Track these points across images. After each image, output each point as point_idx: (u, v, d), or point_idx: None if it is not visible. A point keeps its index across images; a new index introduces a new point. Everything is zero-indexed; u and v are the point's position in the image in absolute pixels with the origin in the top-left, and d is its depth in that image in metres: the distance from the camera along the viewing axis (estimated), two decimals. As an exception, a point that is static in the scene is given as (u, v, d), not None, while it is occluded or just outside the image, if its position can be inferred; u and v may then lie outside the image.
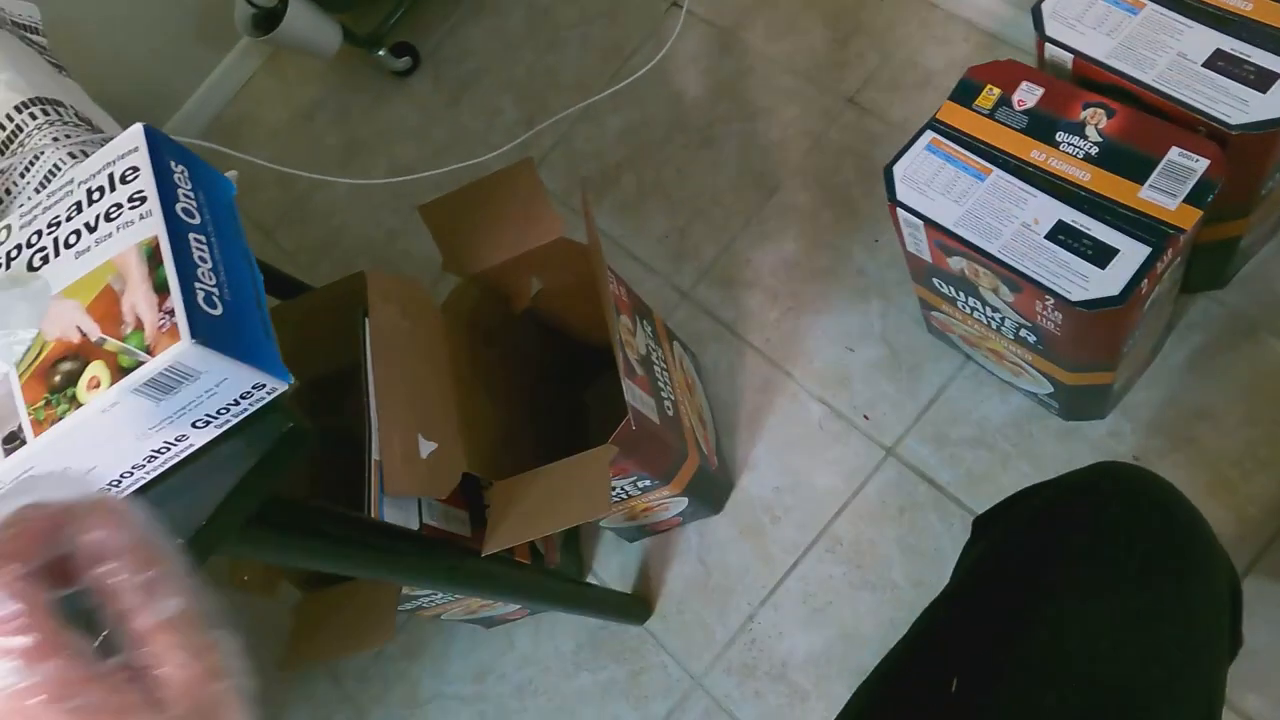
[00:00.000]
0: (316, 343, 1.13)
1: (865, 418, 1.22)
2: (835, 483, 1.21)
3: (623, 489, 1.07)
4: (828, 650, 1.15)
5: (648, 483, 1.07)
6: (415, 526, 0.96)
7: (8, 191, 0.64)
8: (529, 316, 1.20)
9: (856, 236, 1.32)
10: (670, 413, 1.08)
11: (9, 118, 0.66)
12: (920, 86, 1.37)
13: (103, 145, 0.61)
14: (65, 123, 0.66)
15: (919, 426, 1.19)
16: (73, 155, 0.63)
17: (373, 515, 0.92)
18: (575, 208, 1.51)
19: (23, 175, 0.64)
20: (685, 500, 1.16)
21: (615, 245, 1.47)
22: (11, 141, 0.65)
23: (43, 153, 0.63)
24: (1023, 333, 0.96)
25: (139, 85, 1.84)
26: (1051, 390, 1.07)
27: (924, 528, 1.15)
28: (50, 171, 0.63)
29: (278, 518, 0.60)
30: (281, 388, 0.49)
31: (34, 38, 0.81)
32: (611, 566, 1.29)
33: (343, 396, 1.04)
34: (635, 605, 1.23)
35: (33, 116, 0.65)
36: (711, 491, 1.21)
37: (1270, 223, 1.06)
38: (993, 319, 0.99)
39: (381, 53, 1.71)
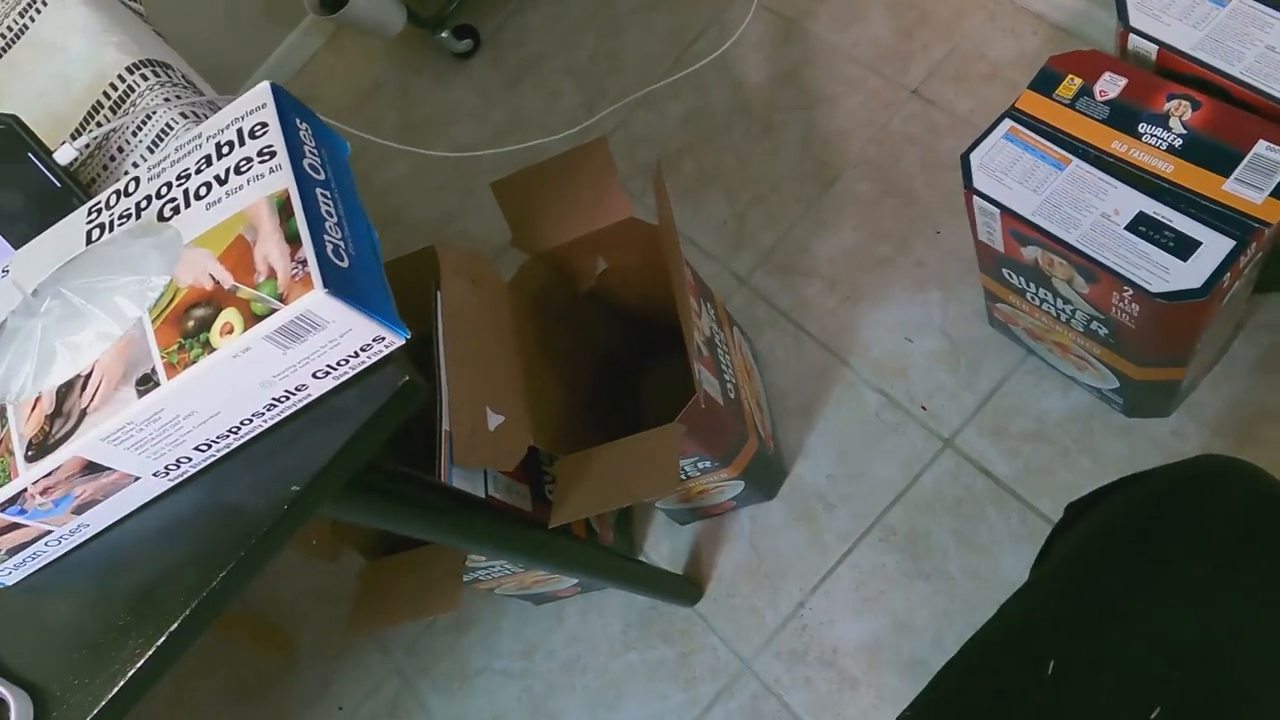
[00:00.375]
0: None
1: (923, 408, 1.22)
2: (891, 472, 1.21)
3: (683, 470, 1.07)
4: (878, 639, 1.15)
5: (708, 464, 1.08)
6: (482, 496, 0.98)
7: (120, 150, 0.66)
8: (592, 296, 1.21)
9: (917, 227, 1.32)
10: (732, 395, 1.09)
11: (120, 78, 0.67)
12: (988, 79, 1.36)
13: (209, 107, 0.63)
14: (175, 84, 0.67)
15: (978, 418, 1.19)
16: (184, 115, 0.65)
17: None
18: (634, 192, 1.52)
19: (134, 134, 0.65)
20: (741, 484, 1.17)
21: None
22: (124, 101, 0.67)
23: (154, 112, 0.65)
24: (1094, 325, 0.96)
25: (205, 60, 1.87)
26: (1117, 386, 1.06)
27: (980, 520, 1.15)
28: (163, 131, 0.64)
29: (365, 478, 0.61)
30: (399, 342, 0.50)
31: (134, 4, 0.83)
32: (663, 549, 1.30)
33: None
34: (686, 587, 1.24)
35: (144, 78, 0.67)
36: (766, 476, 1.22)
37: (1348, 223, 1.05)
38: (1063, 310, 0.98)
39: (444, 34, 1.72)
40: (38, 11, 0.75)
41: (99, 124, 0.67)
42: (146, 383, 0.46)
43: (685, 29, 1.62)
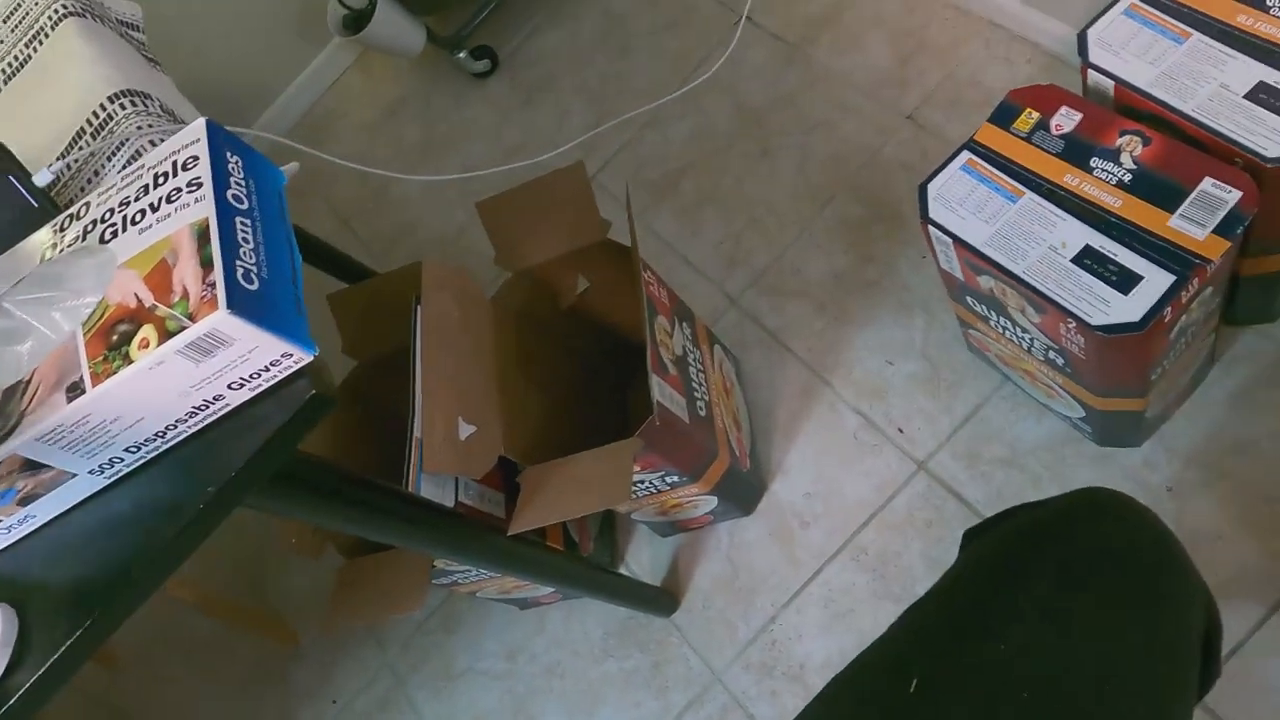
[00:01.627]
0: (380, 324, 1.20)
1: (900, 430, 1.24)
2: (865, 493, 1.23)
3: (651, 483, 1.11)
4: (845, 656, 1.15)
5: (676, 478, 1.11)
6: (450, 503, 1.02)
7: (96, 173, 0.72)
8: (577, 313, 1.25)
9: (904, 252, 1.34)
10: (702, 413, 1.12)
11: (102, 107, 0.74)
12: (981, 106, 1.37)
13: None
14: (150, 113, 0.73)
15: (952, 443, 1.21)
16: (153, 143, 0.70)
17: (409, 488, 0.99)
18: (639, 212, 1.56)
19: (109, 159, 0.71)
20: (715, 499, 1.20)
21: (670, 250, 1.51)
22: (104, 128, 0.73)
23: (128, 139, 0.71)
24: (1051, 354, 0.97)
25: (241, 78, 1.97)
26: (1084, 414, 1.07)
27: (950, 543, 1.16)
28: (133, 157, 0.70)
29: (308, 476, 0.66)
30: (307, 358, 0.54)
31: (134, 34, 0.89)
32: (643, 559, 1.33)
33: (404, 375, 1.11)
34: (663, 598, 1.27)
35: (122, 107, 0.73)
36: (742, 492, 1.25)
37: (1323, 258, 1.04)
38: (1022, 339, 1.00)
39: (462, 55, 1.78)
40: (41, 42, 0.82)
41: (80, 149, 0.73)
42: (75, 390, 0.51)
43: (692, 51, 1.66)
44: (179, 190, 0.54)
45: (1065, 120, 0.92)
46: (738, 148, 1.54)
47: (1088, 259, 0.86)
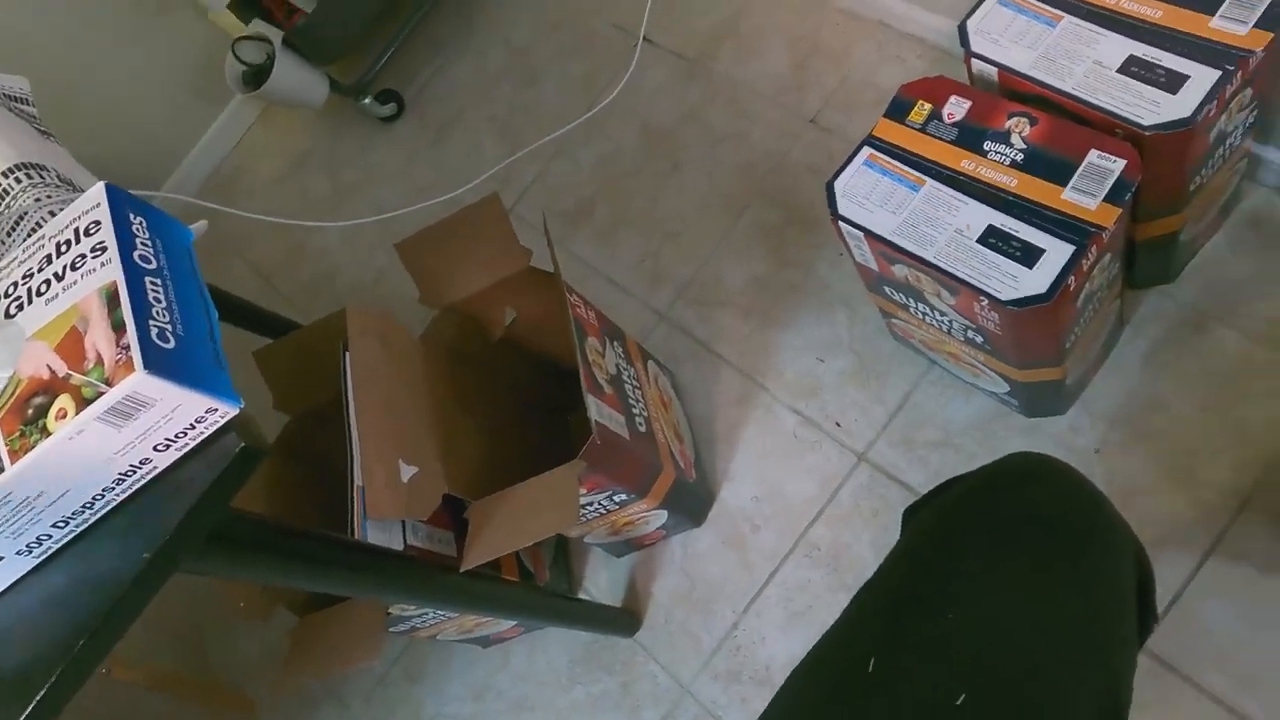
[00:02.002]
0: (310, 376, 1.19)
1: (837, 425, 1.26)
2: (811, 490, 1.25)
3: (600, 503, 1.11)
4: (809, 652, 1.18)
5: (624, 496, 1.11)
6: (400, 547, 1.01)
7: (-5, 249, 0.70)
8: (509, 344, 1.25)
9: (821, 252, 1.37)
10: (642, 428, 1.13)
11: (-4, 182, 0.72)
12: (878, 104, 1.41)
13: (80, 203, 0.67)
14: (47, 184, 0.72)
15: (888, 431, 1.23)
16: (52, 214, 0.69)
17: (355, 537, 0.98)
18: (559, 239, 1.57)
19: (9, 233, 0.70)
20: (665, 513, 1.20)
21: (594, 272, 1.52)
22: (0, 203, 0.71)
23: (26, 213, 0.69)
24: (970, 334, 1.00)
25: (143, 144, 1.93)
26: (1009, 389, 1.11)
27: (896, 529, 1.17)
28: (33, 229, 0.69)
29: (245, 533, 0.65)
30: (232, 412, 0.54)
31: (24, 107, 0.88)
32: (601, 581, 1.33)
33: (340, 425, 1.10)
34: (624, 618, 1.27)
35: (18, 180, 0.72)
36: (691, 504, 1.26)
37: (1210, 216, 1.10)
38: (942, 322, 1.03)
39: (367, 100, 1.78)
40: (-71, 123, 0.80)
41: (-23, 227, 0.71)
42: (-7, 469, 0.50)
43: (597, 76, 1.68)
44: (83, 256, 0.53)
45: (956, 109, 0.96)
46: (649, 166, 1.56)
47: (992, 238, 0.89)
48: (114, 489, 0.54)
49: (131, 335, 0.49)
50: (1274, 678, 0.97)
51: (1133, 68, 0.89)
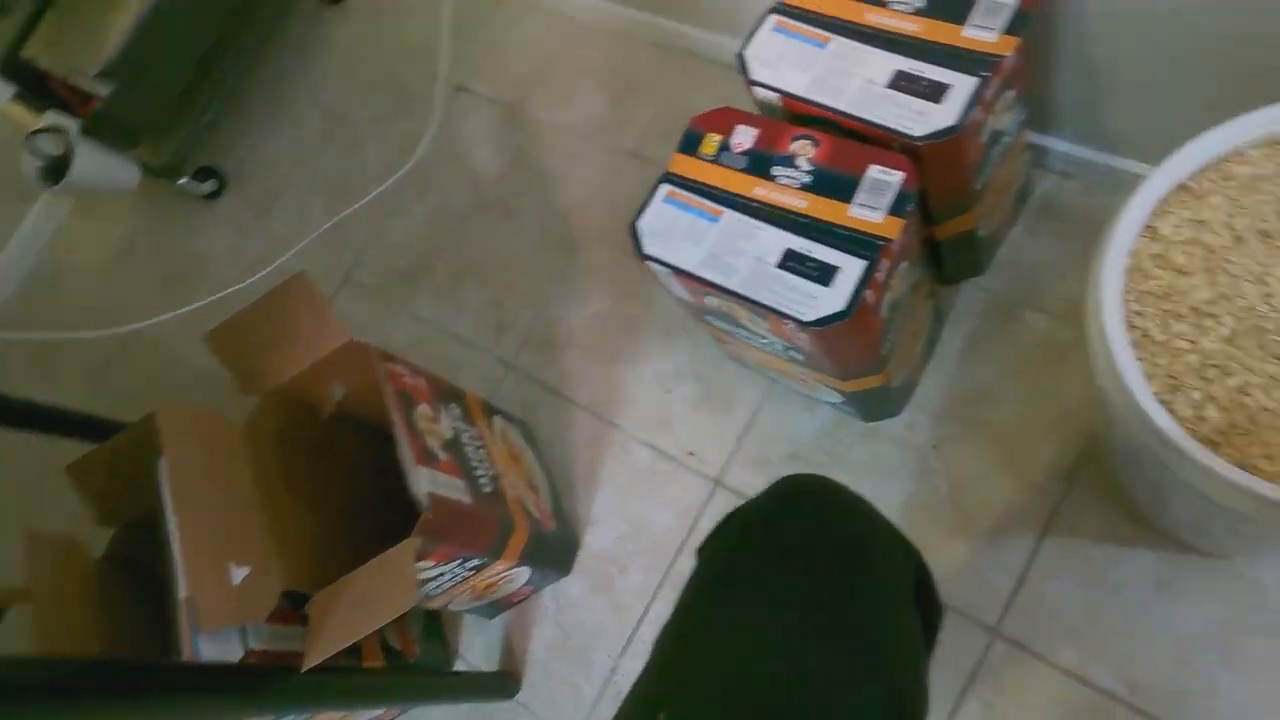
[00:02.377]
0: (131, 483, 1.12)
1: (690, 453, 1.27)
2: (672, 521, 1.25)
3: (453, 572, 1.08)
4: (690, 687, 1.17)
5: (478, 561, 1.09)
6: (239, 655, 0.96)
7: None
8: (345, 419, 1.21)
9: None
10: (488, 489, 1.10)
11: None
12: (694, 131, 1.44)
13: None
14: None
15: (740, 453, 1.24)
16: None
17: (186, 655, 0.92)
18: (400, 300, 1.54)
19: None
20: (526, 569, 1.18)
21: (437, 329, 1.49)
22: None
23: None
24: (791, 353, 1.02)
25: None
26: (842, 398, 1.13)
27: (758, 550, 1.19)
28: None
29: (22, 683, 0.60)
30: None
31: None
32: (476, 646, 1.30)
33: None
34: (503, 681, 1.24)
35: None
36: (554, 555, 1.24)
37: (1004, 210, 1.15)
38: (764, 344, 1.04)
39: (183, 180, 1.71)
40: None
41: None
42: None
43: (418, 131, 1.66)
44: None
45: (744, 137, 0.98)
46: (479, 216, 1.54)
47: (790, 261, 0.91)
48: None
49: None
50: (1121, 644, 1.00)
51: (900, 82, 0.93)
